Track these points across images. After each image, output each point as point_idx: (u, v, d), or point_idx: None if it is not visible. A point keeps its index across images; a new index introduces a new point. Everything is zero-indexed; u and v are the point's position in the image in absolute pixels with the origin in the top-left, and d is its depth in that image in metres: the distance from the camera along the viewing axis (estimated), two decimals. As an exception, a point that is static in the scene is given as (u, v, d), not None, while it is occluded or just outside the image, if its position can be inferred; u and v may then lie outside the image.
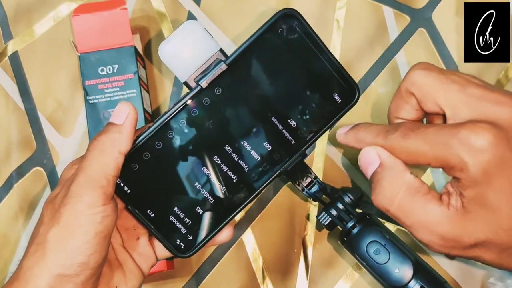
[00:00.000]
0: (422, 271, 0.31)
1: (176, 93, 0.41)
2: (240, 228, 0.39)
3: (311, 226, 0.38)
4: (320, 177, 0.38)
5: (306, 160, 0.39)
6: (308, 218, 0.39)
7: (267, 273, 0.38)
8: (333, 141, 0.40)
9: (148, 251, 0.31)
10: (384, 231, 0.32)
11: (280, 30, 0.29)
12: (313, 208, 0.39)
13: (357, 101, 0.30)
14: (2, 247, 0.39)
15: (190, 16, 0.42)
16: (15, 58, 0.41)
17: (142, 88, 0.37)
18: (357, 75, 0.41)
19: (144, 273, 0.30)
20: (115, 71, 0.37)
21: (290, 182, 0.39)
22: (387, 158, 0.28)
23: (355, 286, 0.38)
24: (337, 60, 0.29)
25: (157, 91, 0.41)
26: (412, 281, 0.30)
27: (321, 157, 0.40)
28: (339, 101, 0.30)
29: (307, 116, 0.30)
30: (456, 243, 0.26)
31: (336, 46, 0.41)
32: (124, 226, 0.31)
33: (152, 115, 0.40)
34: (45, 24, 0.42)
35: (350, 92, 0.30)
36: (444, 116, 0.27)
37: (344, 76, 0.30)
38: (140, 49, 0.40)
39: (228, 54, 0.29)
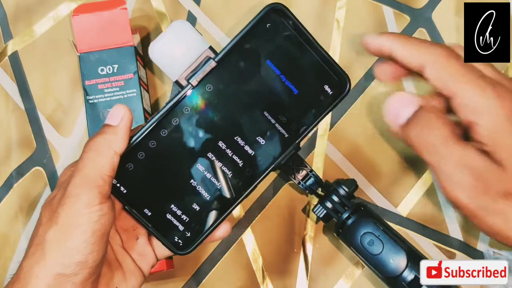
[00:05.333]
0: (416, 260, 0.31)
1: (176, 92, 0.41)
2: (240, 228, 0.39)
3: (311, 226, 0.38)
4: (321, 176, 0.38)
5: (307, 159, 0.40)
6: (307, 215, 0.39)
7: (267, 273, 0.38)
8: (333, 141, 0.40)
9: (148, 251, 0.31)
10: (378, 222, 0.32)
11: (268, 25, 0.29)
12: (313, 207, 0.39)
13: (348, 92, 0.30)
14: (2, 247, 0.39)
15: (190, 16, 0.42)
16: (15, 58, 0.41)
17: (142, 88, 0.37)
18: (357, 75, 0.41)
19: (145, 273, 0.30)
20: (115, 71, 0.37)
21: (290, 182, 0.39)
22: (425, 102, 0.27)
23: (355, 285, 0.38)
24: (326, 52, 0.29)
25: (157, 91, 0.41)
26: (406, 270, 0.30)
27: (321, 157, 0.40)
28: (330, 93, 0.30)
29: (299, 109, 0.30)
30: (489, 185, 0.25)
31: (336, 46, 0.41)
32: (123, 227, 0.31)
33: (152, 115, 0.40)
34: (45, 24, 0.42)
35: (341, 83, 0.30)
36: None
37: (334, 68, 0.30)
38: (140, 49, 0.40)
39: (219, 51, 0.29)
